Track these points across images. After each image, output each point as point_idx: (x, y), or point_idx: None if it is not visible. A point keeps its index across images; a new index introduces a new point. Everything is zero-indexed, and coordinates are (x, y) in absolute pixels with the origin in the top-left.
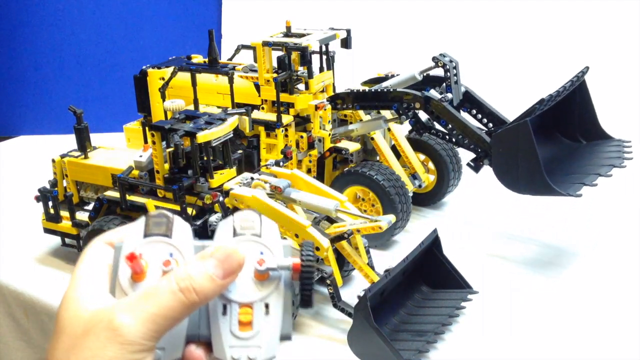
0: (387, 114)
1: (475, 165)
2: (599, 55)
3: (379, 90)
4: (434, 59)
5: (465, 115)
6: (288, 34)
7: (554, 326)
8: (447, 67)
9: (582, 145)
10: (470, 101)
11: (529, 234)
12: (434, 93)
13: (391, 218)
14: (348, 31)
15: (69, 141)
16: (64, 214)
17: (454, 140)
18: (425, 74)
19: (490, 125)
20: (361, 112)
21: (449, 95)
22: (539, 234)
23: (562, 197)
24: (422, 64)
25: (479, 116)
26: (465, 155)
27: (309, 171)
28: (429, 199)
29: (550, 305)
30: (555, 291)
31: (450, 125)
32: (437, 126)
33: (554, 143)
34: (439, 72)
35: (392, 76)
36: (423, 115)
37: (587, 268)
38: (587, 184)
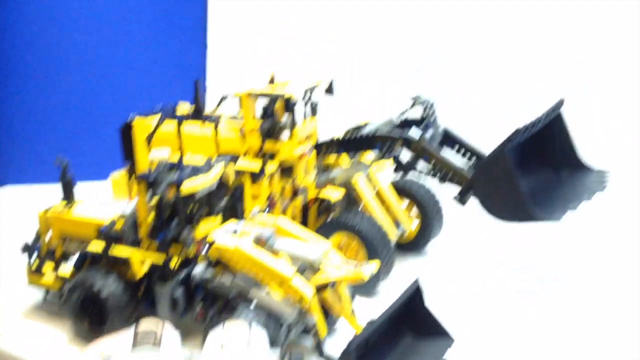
0: (369, 158)
1: (461, 198)
2: (574, 87)
3: (361, 135)
4: (411, 99)
5: (448, 152)
6: (272, 83)
7: None
8: (425, 106)
9: (564, 175)
10: (450, 139)
11: (510, 275)
12: (413, 133)
13: (374, 266)
14: (331, 80)
15: (55, 191)
16: (47, 268)
17: (438, 176)
18: (404, 116)
19: (474, 159)
20: (343, 158)
21: (428, 134)
22: (521, 275)
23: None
24: (400, 108)
25: (462, 151)
26: (447, 203)
27: (293, 219)
28: (412, 246)
29: (532, 350)
30: (538, 333)
31: (431, 162)
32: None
33: (536, 174)
34: (417, 114)
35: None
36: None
37: (571, 304)
38: (569, 209)
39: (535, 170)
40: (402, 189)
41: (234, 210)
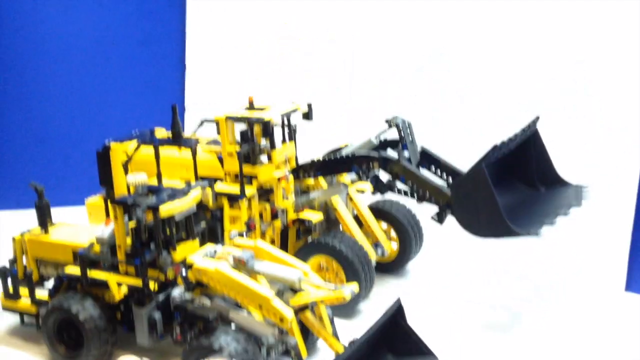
0: (347, 179)
1: (439, 217)
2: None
3: (339, 156)
4: (387, 121)
5: (425, 172)
6: (250, 108)
7: None
8: (401, 127)
9: (541, 192)
10: (427, 158)
11: (490, 295)
12: (391, 153)
13: (354, 287)
14: (309, 105)
15: (30, 216)
16: (24, 292)
17: (416, 196)
18: (381, 138)
19: (450, 179)
20: (322, 180)
21: (406, 153)
22: (500, 295)
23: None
24: (378, 129)
25: (438, 172)
26: (427, 224)
27: (272, 242)
28: (392, 267)
29: None
30: (518, 355)
31: (409, 182)
32: (399, 185)
33: (514, 191)
34: (394, 135)
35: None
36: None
37: (550, 328)
38: (546, 224)
39: (513, 187)
40: (381, 210)
41: (213, 233)
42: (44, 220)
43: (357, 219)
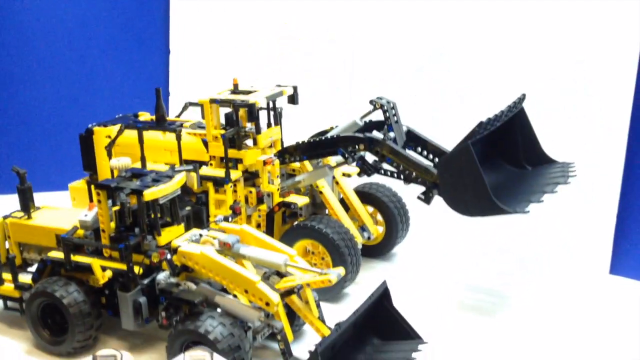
0: (333, 161)
1: (426, 198)
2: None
3: (324, 138)
4: (371, 102)
5: (411, 153)
6: (235, 91)
7: None
8: (385, 108)
9: (528, 171)
10: (413, 139)
11: (477, 278)
12: (376, 134)
13: (341, 271)
14: (295, 88)
15: (12, 201)
16: (7, 276)
17: (402, 176)
18: (367, 120)
19: (437, 159)
20: (307, 164)
21: (392, 134)
22: (487, 277)
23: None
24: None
25: (424, 153)
26: (413, 207)
27: (258, 226)
28: (378, 250)
29: (500, 351)
30: (504, 338)
31: (396, 163)
32: (386, 166)
33: (500, 171)
34: (380, 117)
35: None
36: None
37: (535, 311)
38: (533, 201)
39: (499, 166)
40: (367, 194)
41: (198, 218)
42: (27, 204)
43: (343, 203)
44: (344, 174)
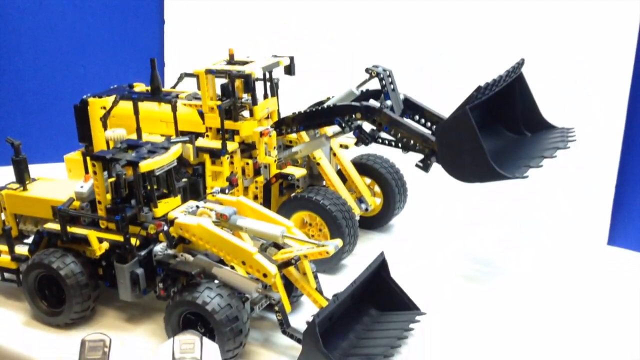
0: (330, 131)
1: (424, 165)
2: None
3: (320, 108)
4: (367, 70)
5: (409, 122)
6: (231, 61)
7: (502, 344)
8: (382, 76)
9: (527, 137)
10: (411, 107)
11: (473, 250)
12: (373, 103)
13: (338, 242)
14: (291, 58)
15: (6, 173)
16: (3, 248)
17: (400, 145)
18: (364, 89)
19: (435, 127)
20: (305, 135)
21: (388, 102)
22: (484, 249)
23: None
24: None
25: (422, 121)
26: (411, 178)
27: (255, 198)
28: (376, 222)
29: (498, 321)
30: (502, 309)
31: (393, 131)
32: (383, 135)
33: (499, 137)
34: (377, 85)
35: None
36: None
37: (533, 281)
38: (532, 166)
39: (497, 132)
40: (364, 165)
41: (195, 189)
42: (22, 176)
43: (341, 174)
44: (341, 146)
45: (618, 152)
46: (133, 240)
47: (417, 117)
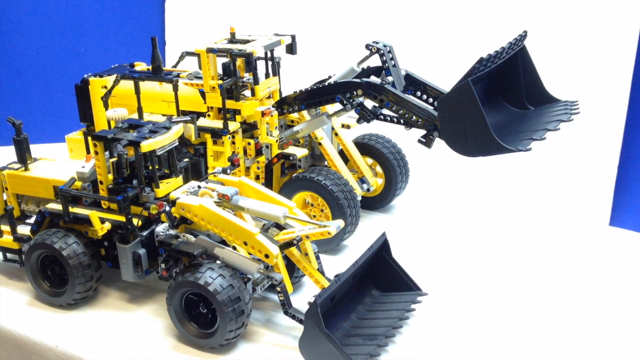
0: (331, 110)
1: (427, 141)
2: (538, 23)
3: (321, 85)
4: (367, 46)
5: (410, 98)
6: (233, 40)
7: (503, 325)
8: (382, 52)
9: (530, 110)
10: (413, 83)
11: (475, 231)
12: (374, 79)
13: (340, 223)
14: (293, 37)
15: (8, 153)
16: (5, 228)
17: (402, 121)
18: (365, 66)
19: (437, 103)
20: (306, 114)
21: (390, 78)
22: (484, 230)
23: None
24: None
25: (424, 97)
26: (413, 159)
27: (257, 178)
28: (377, 202)
29: (499, 301)
30: (503, 289)
31: (395, 107)
32: (385, 111)
33: (502, 111)
34: (378, 62)
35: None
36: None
37: (535, 262)
38: (535, 139)
39: (500, 106)
40: (366, 146)
41: (197, 169)
42: (23, 156)
43: (343, 155)
44: (343, 126)
45: (621, 133)
46: (135, 221)
47: (418, 93)
